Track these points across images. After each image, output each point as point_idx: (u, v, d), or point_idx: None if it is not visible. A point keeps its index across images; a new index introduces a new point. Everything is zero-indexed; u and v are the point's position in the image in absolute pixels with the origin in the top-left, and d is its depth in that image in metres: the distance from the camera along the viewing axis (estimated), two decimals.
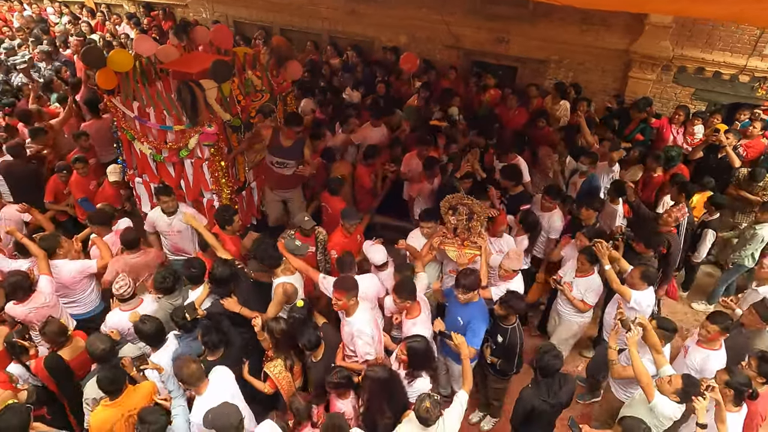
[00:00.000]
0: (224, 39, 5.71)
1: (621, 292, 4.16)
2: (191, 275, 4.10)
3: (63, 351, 3.80)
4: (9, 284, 4.00)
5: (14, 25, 10.89)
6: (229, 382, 3.51)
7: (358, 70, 8.37)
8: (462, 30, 8.12)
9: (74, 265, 4.46)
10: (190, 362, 3.32)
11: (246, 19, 10.20)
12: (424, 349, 3.55)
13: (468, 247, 4.51)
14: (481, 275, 4.20)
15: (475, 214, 4.43)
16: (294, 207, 5.57)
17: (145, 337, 3.72)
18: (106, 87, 4.96)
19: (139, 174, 5.37)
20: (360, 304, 3.86)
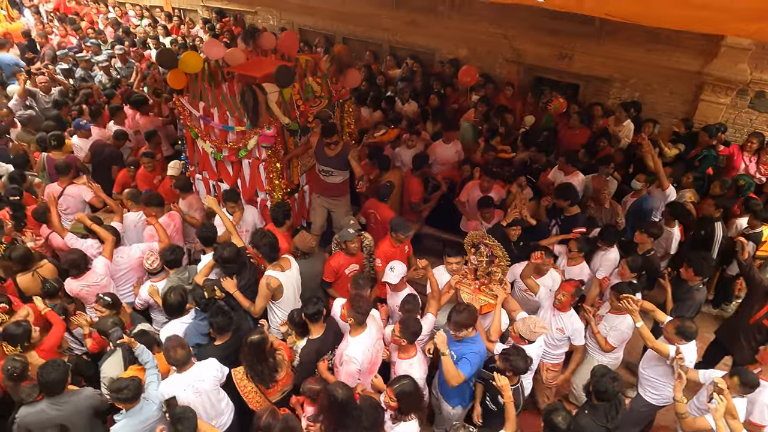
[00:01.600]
0: (291, 45, 5.90)
1: (657, 350, 3.80)
2: (204, 236, 4.62)
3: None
4: (67, 260, 4.39)
5: (99, 26, 11.72)
6: (213, 372, 3.59)
7: (417, 80, 8.42)
8: (524, 45, 8.01)
9: (141, 246, 4.81)
10: (178, 347, 3.47)
11: (310, 26, 10.51)
12: (413, 391, 3.28)
13: (484, 294, 4.13)
14: (492, 330, 3.94)
15: (497, 258, 4.11)
16: (338, 215, 5.51)
17: (167, 307, 4.01)
18: (176, 87, 5.24)
19: (199, 171, 5.62)
20: (366, 330, 3.71)
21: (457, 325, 3.59)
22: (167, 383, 3.48)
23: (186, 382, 3.47)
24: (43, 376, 3.35)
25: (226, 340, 3.86)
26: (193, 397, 3.47)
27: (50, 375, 3.35)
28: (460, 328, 3.59)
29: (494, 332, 3.95)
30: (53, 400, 3.40)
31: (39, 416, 3.36)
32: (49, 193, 5.43)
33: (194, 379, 3.49)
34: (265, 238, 4.31)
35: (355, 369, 3.62)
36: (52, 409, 3.39)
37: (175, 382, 3.48)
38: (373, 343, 3.76)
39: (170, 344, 3.49)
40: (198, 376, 3.51)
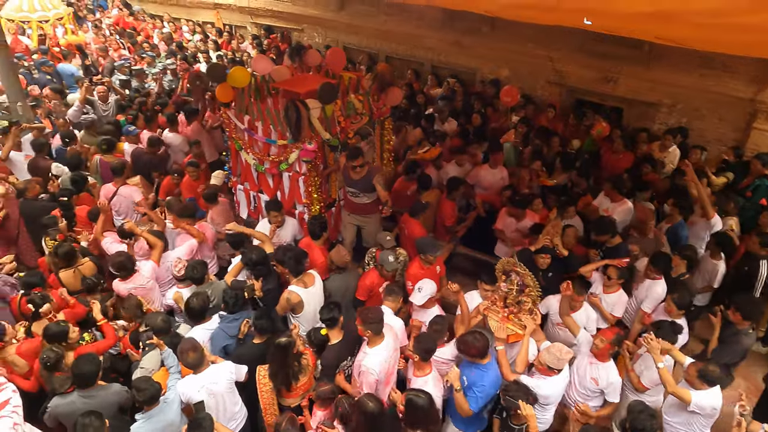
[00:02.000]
0: (338, 62, 6.02)
1: (678, 396, 3.53)
2: (233, 240, 4.93)
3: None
4: (115, 263, 4.59)
5: (154, 40, 12.32)
6: (227, 375, 3.68)
7: (457, 99, 8.45)
8: (567, 67, 7.94)
9: (183, 248, 5.00)
10: (190, 350, 3.58)
11: (354, 45, 10.73)
12: (423, 407, 3.24)
13: (512, 323, 3.95)
14: (518, 361, 3.77)
15: (528, 288, 3.96)
16: (368, 233, 5.55)
17: (189, 311, 4.15)
18: (224, 100, 5.45)
19: (241, 181, 5.79)
20: (383, 341, 3.70)
21: (464, 345, 3.58)
22: (183, 383, 3.62)
23: (200, 383, 3.58)
24: (77, 367, 3.52)
25: (264, 339, 3.99)
26: (207, 398, 3.58)
27: (84, 367, 3.52)
28: (466, 352, 3.59)
29: (520, 364, 3.78)
30: (84, 393, 3.56)
31: (69, 407, 3.51)
32: (103, 195, 5.79)
33: (208, 381, 3.60)
34: (289, 252, 4.44)
35: (373, 380, 3.62)
36: (82, 402, 3.53)
37: (190, 382, 3.60)
38: (390, 354, 3.76)
39: (183, 347, 3.62)
40: (212, 378, 3.62)
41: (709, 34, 3.82)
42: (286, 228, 5.25)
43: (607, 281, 4.55)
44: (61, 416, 3.52)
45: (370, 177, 5.10)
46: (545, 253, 4.66)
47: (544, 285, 4.31)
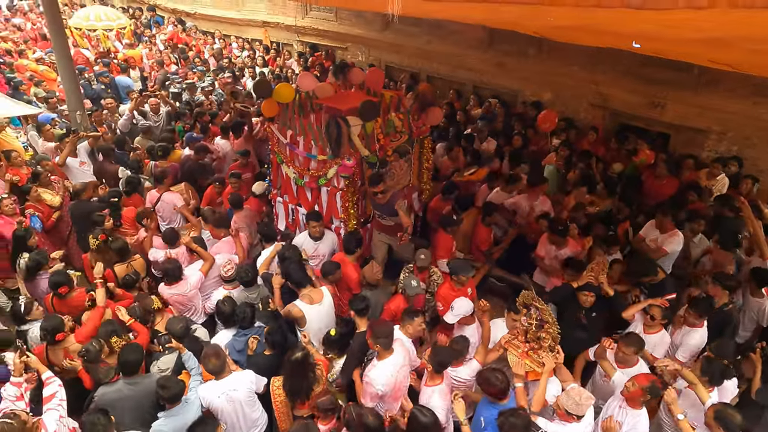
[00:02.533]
0: (377, 81, 6.15)
1: None
2: (265, 233, 5.28)
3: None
4: (163, 269, 4.83)
5: (205, 56, 12.85)
6: (247, 384, 3.76)
7: (499, 120, 8.43)
8: (612, 90, 7.80)
9: (222, 258, 5.16)
10: (213, 357, 3.69)
11: (396, 64, 10.89)
12: (426, 425, 3.20)
13: (531, 360, 3.77)
14: (534, 401, 3.58)
15: (546, 324, 3.78)
16: (401, 250, 5.47)
17: (218, 314, 4.36)
18: (269, 114, 5.61)
19: (281, 194, 5.91)
20: (391, 356, 3.71)
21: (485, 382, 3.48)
22: (204, 388, 3.72)
23: (221, 390, 3.67)
24: (123, 356, 3.74)
25: (275, 352, 4.10)
26: (227, 405, 3.67)
27: (130, 356, 3.73)
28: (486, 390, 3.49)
29: (536, 404, 3.57)
30: (129, 380, 3.75)
31: (116, 394, 3.70)
32: (148, 200, 6.13)
33: (229, 388, 3.69)
34: (294, 265, 4.52)
35: (374, 392, 3.65)
36: (128, 388, 3.72)
37: (212, 388, 3.70)
38: (397, 369, 3.74)
39: (207, 353, 3.75)
40: (233, 385, 3.71)
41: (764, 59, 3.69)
42: (325, 241, 5.32)
43: (649, 321, 4.28)
44: (108, 404, 3.66)
45: (393, 201, 5.16)
46: (589, 291, 4.39)
47: (586, 324, 4.17)
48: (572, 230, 5.41)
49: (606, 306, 4.49)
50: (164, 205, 6.19)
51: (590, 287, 4.40)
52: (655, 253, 5.25)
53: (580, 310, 4.37)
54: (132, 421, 3.63)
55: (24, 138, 8.44)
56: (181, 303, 4.85)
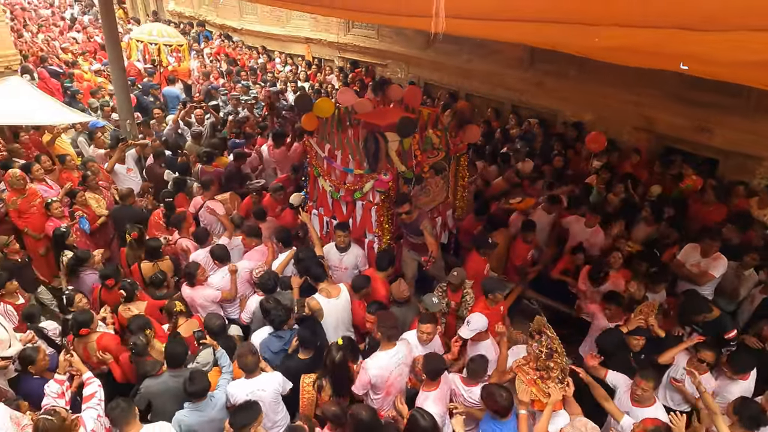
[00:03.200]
0: (415, 99, 6.19)
1: None
2: (280, 237, 5.44)
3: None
4: (186, 270, 5.00)
5: (249, 70, 13.24)
6: (275, 386, 3.86)
7: (538, 140, 8.32)
8: (657, 113, 7.59)
9: (245, 265, 5.28)
10: (249, 354, 3.84)
11: (436, 81, 10.93)
12: (425, 428, 3.26)
13: (537, 388, 3.63)
14: (536, 430, 3.47)
15: (556, 354, 3.64)
16: (432, 269, 5.43)
17: (266, 313, 4.40)
18: (308, 128, 5.70)
19: (316, 207, 5.97)
20: (392, 348, 3.87)
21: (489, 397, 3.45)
22: (234, 385, 3.85)
23: (250, 388, 3.78)
24: (169, 349, 3.94)
25: (310, 355, 4.19)
26: None
27: (175, 349, 3.95)
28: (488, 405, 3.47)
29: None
30: (174, 372, 3.92)
31: (162, 386, 3.89)
32: (192, 206, 6.44)
33: (257, 387, 3.80)
34: (312, 259, 4.85)
35: (365, 379, 3.77)
36: (173, 380, 3.88)
37: (241, 385, 3.82)
38: (394, 364, 3.85)
39: (242, 350, 3.89)
40: (261, 385, 3.82)
41: None
42: (350, 253, 5.30)
43: (696, 363, 3.97)
44: (153, 395, 3.87)
45: (419, 221, 5.14)
46: (640, 335, 4.21)
47: (635, 366, 4.00)
48: (615, 261, 5.22)
49: (656, 347, 4.25)
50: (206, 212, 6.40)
51: (641, 331, 4.22)
52: (700, 278, 5.06)
53: (629, 354, 4.21)
54: (174, 411, 3.78)
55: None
56: (203, 307, 4.95)
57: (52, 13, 20.13)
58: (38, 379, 3.94)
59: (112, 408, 3.36)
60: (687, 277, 5.24)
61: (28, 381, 4.04)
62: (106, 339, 4.41)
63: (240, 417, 3.33)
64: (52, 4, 21.72)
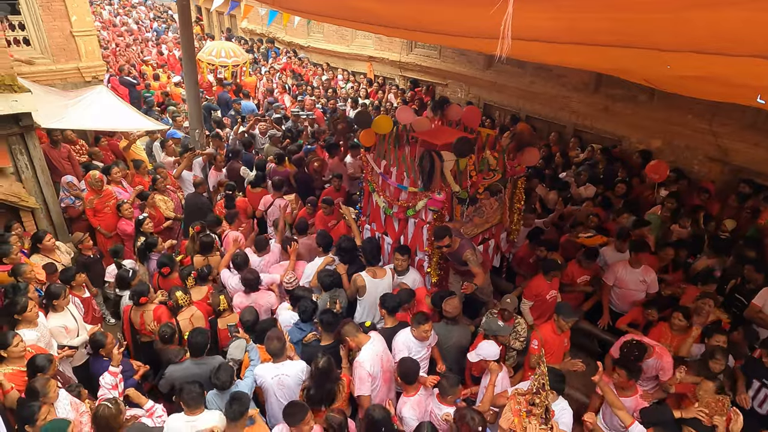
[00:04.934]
0: (473, 119, 6.16)
1: None
2: (323, 243, 5.59)
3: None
4: (244, 278, 5.16)
5: (313, 85, 13.69)
6: (298, 373, 4.02)
7: (600, 167, 8.04)
8: (733, 144, 7.14)
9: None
10: (275, 339, 4.06)
11: (496, 102, 10.84)
12: (377, 421, 3.37)
13: (519, 420, 3.46)
14: None
15: (543, 392, 3.38)
16: (480, 293, 5.27)
17: (296, 300, 4.73)
18: (366, 144, 5.81)
19: (369, 221, 6.04)
20: (369, 342, 4.03)
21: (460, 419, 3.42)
22: (261, 367, 4.08)
23: (275, 372, 4.02)
24: (192, 338, 4.20)
25: (331, 342, 4.35)
26: (277, 388, 4.02)
27: (198, 338, 4.21)
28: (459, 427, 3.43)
29: None
30: (196, 360, 4.20)
31: (185, 372, 4.14)
32: (262, 203, 6.93)
33: (282, 372, 4.02)
34: (371, 244, 5.26)
35: (364, 373, 3.90)
36: (196, 367, 4.15)
37: (267, 369, 4.06)
38: (378, 353, 4.03)
39: (270, 335, 4.11)
40: (286, 370, 4.03)
41: None
42: (407, 278, 5.22)
43: None
44: (176, 380, 4.08)
45: (459, 253, 4.96)
46: (695, 429, 3.60)
47: None
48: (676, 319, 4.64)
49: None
50: (274, 209, 6.84)
51: (698, 425, 3.63)
52: None
53: None
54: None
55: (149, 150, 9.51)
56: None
57: (138, 29, 21.75)
58: (108, 361, 4.22)
59: (187, 392, 3.60)
60: (765, 324, 4.81)
61: (98, 363, 4.36)
62: (161, 311, 4.86)
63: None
64: (137, 21, 23.46)
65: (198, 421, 3.59)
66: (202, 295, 5.22)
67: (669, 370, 4.23)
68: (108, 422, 3.42)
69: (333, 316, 4.36)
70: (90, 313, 5.38)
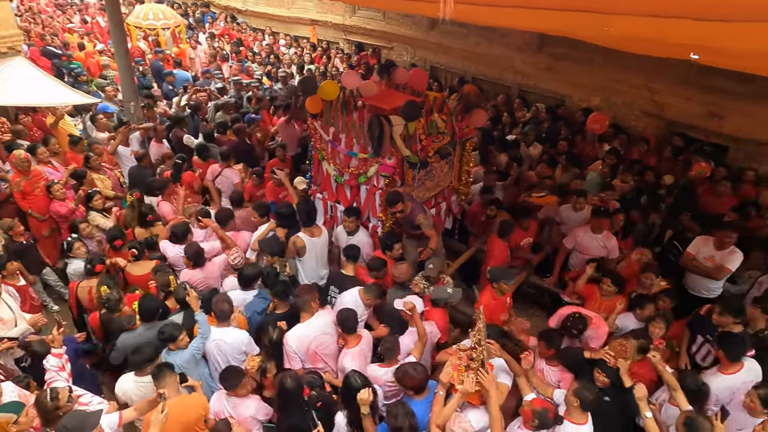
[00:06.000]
0: (420, 82, 6.09)
1: None
2: (260, 211, 5.55)
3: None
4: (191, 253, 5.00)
5: (254, 50, 13.11)
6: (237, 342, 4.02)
7: (544, 126, 8.22)
8: (667, 99, 7.47)
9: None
10: (224, 302, 4.06)
11: (442, 64, 10.80)
12: (288, 389, 3.39)
13: (458, 374, 3.43)
14: (434, 414, 3.33)
15: (479, 347, 3.36)
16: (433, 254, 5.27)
17: (242, 279, 4.64)
18: (312, 111, 5.64)
19: (320, 190, 5.94)
20: (310, 319, 4.05)
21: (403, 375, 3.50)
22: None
23: (214, 336, 4.03)
24: (142, 304, 4.17)
25: (284, 311, 4.35)
26: (215, 352, 4.03)
27: (148, 302, 4.20)
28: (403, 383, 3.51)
29: (435, 417, 3.33)
30: (149, 325, 4.15)
31: (137, 339, 4.05)
32: (210, 173, 6.70)
33: (220, 337, 4.02)
34: (306, 205, 5.32)
35: (290, 350, 3.97)
36: (148, 333, 4.08)
37: (212, 332, 4.04)
38: (314, 333, 4.04)
39: (219, 298, 4.11)
40: (224, 336, 4.03)
41: None
42: (355, 237, 5.27)
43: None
44: (130, 347, 3.93)
45: (414, 216, 5.03)
46: (602, 371, 3.75)
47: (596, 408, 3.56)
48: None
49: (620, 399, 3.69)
50: (223, 179, 6.66)
51: (605, 367, 3.75)
52: (717, 273, 4.92)
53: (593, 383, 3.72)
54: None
55: (81, 126, 8.87)
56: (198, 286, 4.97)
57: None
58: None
59: (138, 353, 3.66)
60: (700, 272, 5.04)
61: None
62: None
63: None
64: None
65: (148, 381, 3.58)
66: (146, 270, 5.01)
67: (601, 339, 4.24)
68: (46, 411, 3.31)
69: (285, 285, 4.37)
70: (28, 301, 5.07)
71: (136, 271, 5.03)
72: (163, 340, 3.87)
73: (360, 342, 4.04)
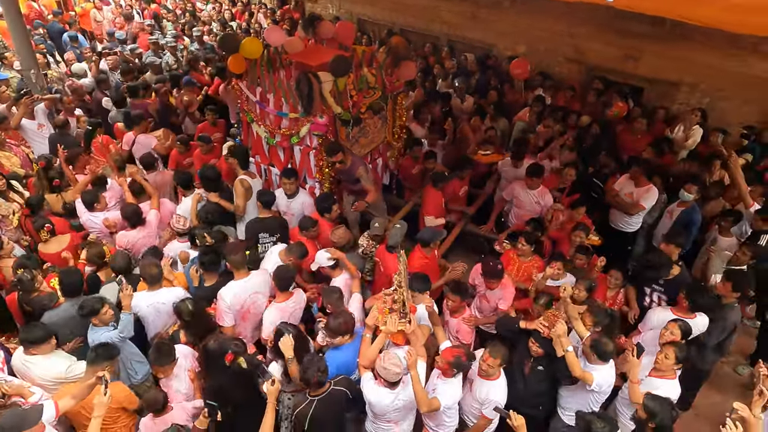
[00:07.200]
0: (347, 36, 5.93)
1: (583, 378, 3.47)
2: (182, 181, 5.29)
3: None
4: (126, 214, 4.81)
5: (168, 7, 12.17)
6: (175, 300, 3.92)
7: (474, 77, 8.28)
8: (588, 44, 7.71)
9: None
10: (153, 266, 3.99)
11: (369, 17, 10.52)
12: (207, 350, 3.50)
13: (382, 316, 3.58)
14: (361, 354, 3.55)
15: (399, 288, 3.48)
16: (374, 210, 5.45)
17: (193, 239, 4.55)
18: (236, 71, 5.38)
19: (252, 154, 5.75)
20: (246, 278, 4.02)
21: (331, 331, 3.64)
22: (136, 297, 3.90)
23: (151, 300, 3.96)
24: (65, 278, 3.97)
25: (214, 283, 4.21)
26: (154, 315, 4.00)
27: (71, 277, 3.98)
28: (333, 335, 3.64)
29: (361, 358, 3.53)
30: (74, 300, 3.91)
31: (64, 314, 3.87)
32: (125, 141, 6.36)
33: (157, 300, 3.97)
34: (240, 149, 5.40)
35: (223, 306, 3.90)
36: (74, 308, 3.82)
37: (142, 297, 3.96)
38: (248, 292, 4.01)
39: (146, 261, 4.04)
40: (162, 298, 3.98)
41: (739, 17, 3.65)
42: (297, 199, 5.19)
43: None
44: (57, 326, 3.75)
45: (354, 169, 5.04)
46: (536, 341, 3.76)
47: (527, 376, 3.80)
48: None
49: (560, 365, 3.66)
50: (139, 147, 6.24)
51: (539, 337, 3.76)
52: (632, 208, 5.30)
53: (528, 357, 3.83)
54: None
55: None
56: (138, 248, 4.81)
57: None
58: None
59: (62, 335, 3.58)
60: (619, 206, 5.41)
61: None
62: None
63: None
64: None
65: (34, 362, 3.50)
66: (64, 245, 4.71)
67: (509, 300, 4.32)
68: None
69: (215, 256, 4.20)
70: None
71: (50, 249, 4.72)
72: (84, 315, 3.68)
73: (289, 299, 4.02)
